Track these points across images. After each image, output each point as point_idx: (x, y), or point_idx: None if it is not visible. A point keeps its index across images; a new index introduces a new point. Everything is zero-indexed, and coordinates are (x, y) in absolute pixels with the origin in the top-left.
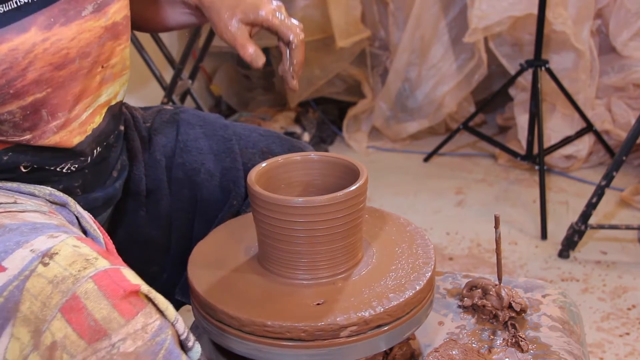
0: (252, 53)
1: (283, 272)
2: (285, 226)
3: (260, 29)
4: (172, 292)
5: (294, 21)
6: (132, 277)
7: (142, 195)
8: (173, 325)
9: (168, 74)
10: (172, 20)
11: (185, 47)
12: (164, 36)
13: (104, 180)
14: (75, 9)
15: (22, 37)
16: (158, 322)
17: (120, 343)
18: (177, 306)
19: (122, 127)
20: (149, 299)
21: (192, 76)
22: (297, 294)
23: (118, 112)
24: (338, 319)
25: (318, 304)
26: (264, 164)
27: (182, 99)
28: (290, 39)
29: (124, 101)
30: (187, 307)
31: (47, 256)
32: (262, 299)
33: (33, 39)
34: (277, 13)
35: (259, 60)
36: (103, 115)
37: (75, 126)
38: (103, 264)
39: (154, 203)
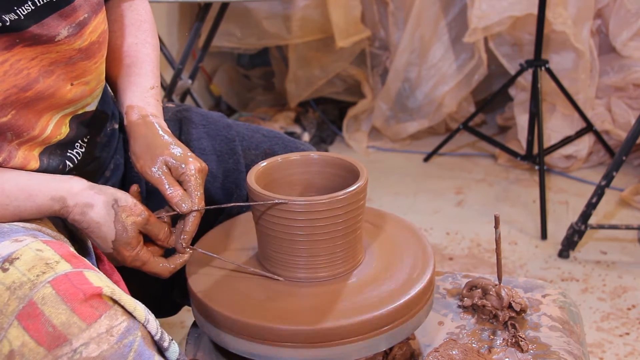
0: (181, 196)
1: (283, 272)
2: (285, 228)
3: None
4: (173, 293)
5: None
6: (95, 280)
7: (142, 197)
8: (144, 326)
9: (168, 74)
10: None
11: (185, 47)
12: (164, 36)
13: (96, 181)
14: (48, 34)
15: None
16: (125, 323)
17: (83, 348)
18: (177, 308)
19: (116, 126)
20: (115, 301)
21: (192, 76)
22: (297, 295)
23: (88, 119)
24: (338, 320)
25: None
26: (263, 164)
27: (182, 99)
28: (186, 208)
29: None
30: (187, 307)
31: (7, 261)
32: (262, 299)
33: None
34: (199, 175)
35: (184, 204)
36: (68, 124)
37: (38, 141)
38: (64, 267)
39: (155, 204)
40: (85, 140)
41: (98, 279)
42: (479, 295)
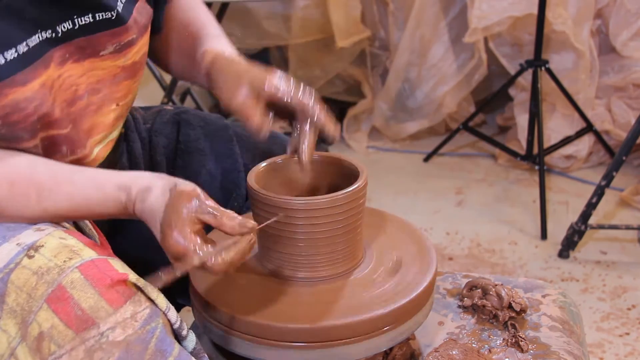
0: (258, 122)
1: (283, 272)
2: (286, 227)
3: (269, 101)
4: (174, 293)
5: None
6: (120, 267)
7: None
8: (165, 314)
9: (168, 75)
10: (186, 73)
11: None
12: None
13: None
14: (94, 48)
15: (47, 72)
16: (148, 310)
17: (110, 332)
18: (177, 308)
19: (122, 130)
20: (138, 288)
21: None
22: (297, 294)
23: (116, 141)
24: (338, 320)
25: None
26: (263, 164)
27: (182, 99)
28: (306, 102)
29: None
30: (187, 307)
31: (32, 249)
32: (262, 299)
33: (53, 76)
34: (284, 81)
35: (263, 129)
36: (107, 150)
37: (84, 163)
38: (89, 254)
39: None
40: (110, 160)
41: (122, 266)
42: (479, 295)
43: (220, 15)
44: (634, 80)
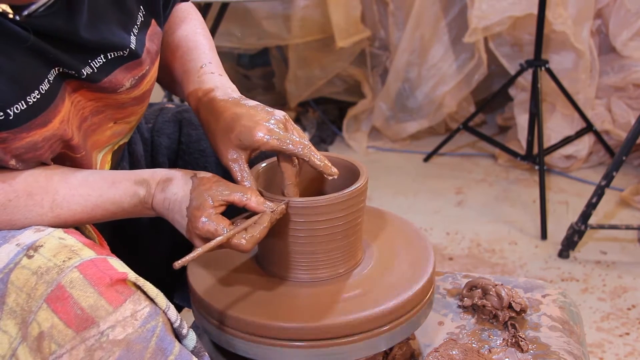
0: (243, 189)
1: (282, 272)
2: (285, 228)
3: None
4: (173, 295)
5: (295, 135)
6: (119, 266)
7: None
8: (165, 312)
9: None
10: (171, 91)
11: None
12: None
13: None
14: (114, 87)
15: (64, 106)
16: (147, 309)
17: (110, 331)
18: (178, 310)
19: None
20: (138, 287)
21: None
22: (297, 294)
23: (120, 147)
24: (338, 319)
25: None
26: (263, 164)
27: (182, 99)
28: (298, 152)
29: None
30: (187, 308)
31: (31, 249)
32: (262, 299)
33: (68, 106)
34: (276, 129)
35: (252, 197)
36: (109, 161)
37: None
38: (89, 254)
39: None
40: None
41: (121, 266)
42: (479, 295)
43: (220, 15)
44: (634, 80)
